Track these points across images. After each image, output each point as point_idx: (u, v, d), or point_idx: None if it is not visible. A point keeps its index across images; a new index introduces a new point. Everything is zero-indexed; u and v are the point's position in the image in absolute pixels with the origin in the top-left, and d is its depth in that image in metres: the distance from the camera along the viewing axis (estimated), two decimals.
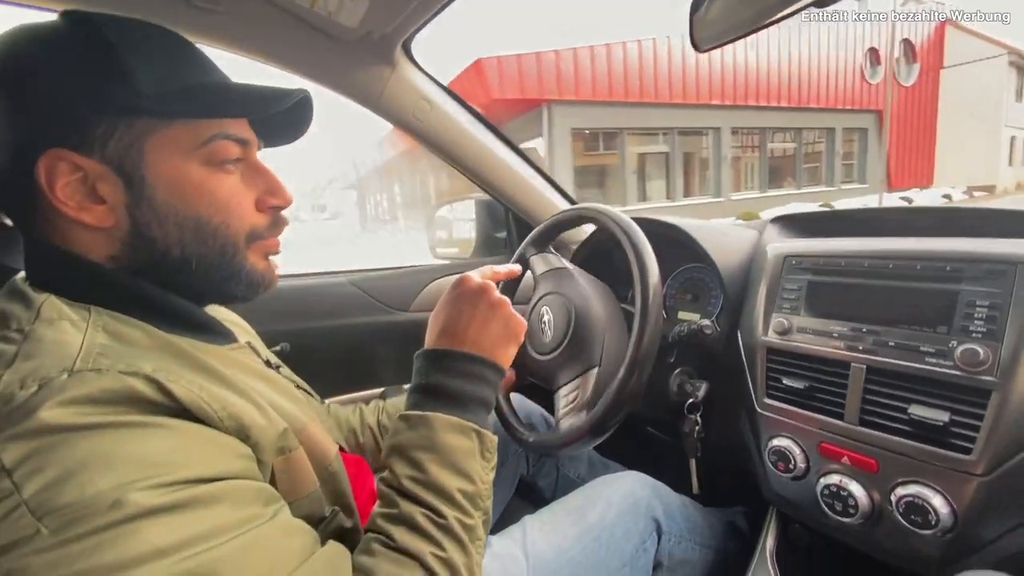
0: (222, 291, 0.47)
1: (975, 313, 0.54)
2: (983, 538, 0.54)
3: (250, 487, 0.36)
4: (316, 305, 1.06)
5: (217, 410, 0.37)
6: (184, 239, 0.42)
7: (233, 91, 0.44)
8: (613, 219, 0.74)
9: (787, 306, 0.70)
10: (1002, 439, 0.51)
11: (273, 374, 0.51)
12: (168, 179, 0.41)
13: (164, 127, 0.41)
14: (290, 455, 0.43)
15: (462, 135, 1.05)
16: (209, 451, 0.35)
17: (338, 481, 0.49)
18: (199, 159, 0.42)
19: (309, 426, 0.48)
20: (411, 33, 0.88)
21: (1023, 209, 0.66)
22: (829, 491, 0.62)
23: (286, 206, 0.50)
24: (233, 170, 0.45)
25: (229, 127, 0.44)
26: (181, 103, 0.41)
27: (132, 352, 0.37)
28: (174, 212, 0.42)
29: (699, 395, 0.81)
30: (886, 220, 0.81)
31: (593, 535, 0.67)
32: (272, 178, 0.48)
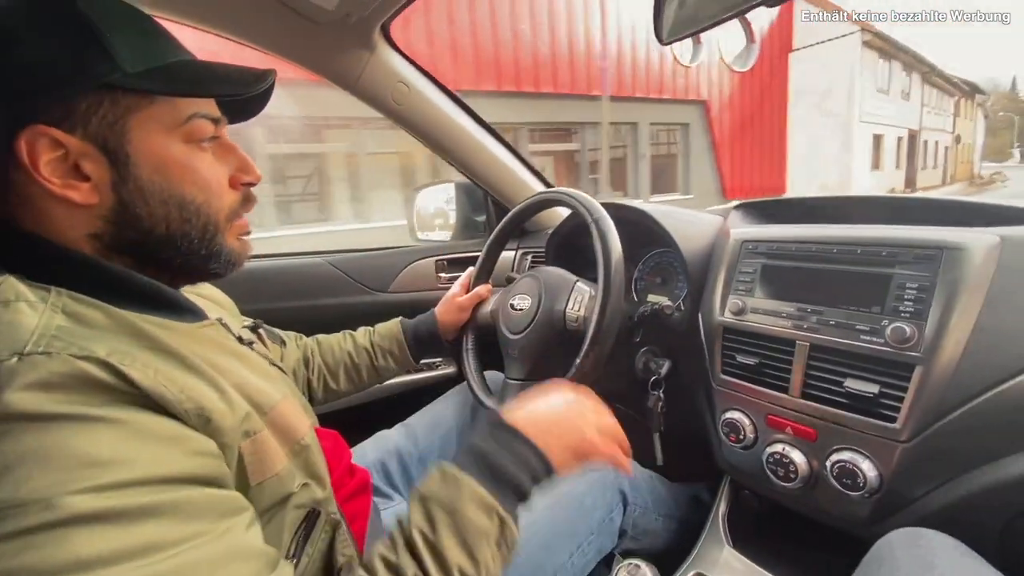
0: (202, 269, 0.48)
1: (905, 294, 0.59)
2: (906, 498, 0.60)
3: (201, 497, 0.34)
4: (294, 285, 1.08)
5: (176, 393, 0.36)
6: (169, 217, 0.43)
7: (212, 70, 0.45)
8: (578, 200, 0.78)
9: (742, 288, 0.75)
10: (923, 409, 0.56)
11: (245, 351, 0.52)
12: (153, 157, 0.42)
13: (148, 104, 0.41)
14: (255, 437, 0.42)
15: (441, 118, 1.06)
16: (161, 449, 0.33)
17: (311, 453, 0.50)
18: (180, 137, 0.43)
19: (281, 403, 0.48)
20: (389, 16, 0.89)
21: (959, 199, 0.71)
22: (774, 459, 0.68)
23: (256, 183, 0.51)
24: (208, 148, 0.46)
25: (203, 106, 0.45)
26: (165, 81, 0.41)
27: (89, 334, 0.36)
28: (159, 190, 0.42)
29: (662, 372, 0.86)
30: (840, 208, 0.86)
31: (563, 504, 0.71)
32: (242, 156, 0.49)
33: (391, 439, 0.86)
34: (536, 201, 0.90)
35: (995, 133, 40.13)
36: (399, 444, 0.85)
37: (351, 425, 0.98)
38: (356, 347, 0.88)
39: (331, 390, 0.86)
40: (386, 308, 1.15)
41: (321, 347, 0.87)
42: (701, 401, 0.82)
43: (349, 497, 0.65)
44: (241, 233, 0.51)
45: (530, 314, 0.83)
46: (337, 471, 0.65)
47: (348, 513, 0.61)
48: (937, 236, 0.59)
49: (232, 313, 0.68)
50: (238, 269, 0.51)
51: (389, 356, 0.88)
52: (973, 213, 0.68)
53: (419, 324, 0.91)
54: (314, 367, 0.85)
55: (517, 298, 0.86)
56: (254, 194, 0.52)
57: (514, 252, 1.27)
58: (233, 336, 0.53)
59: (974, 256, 0.56)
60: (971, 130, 27.61)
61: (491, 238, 0.97)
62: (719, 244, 0.84)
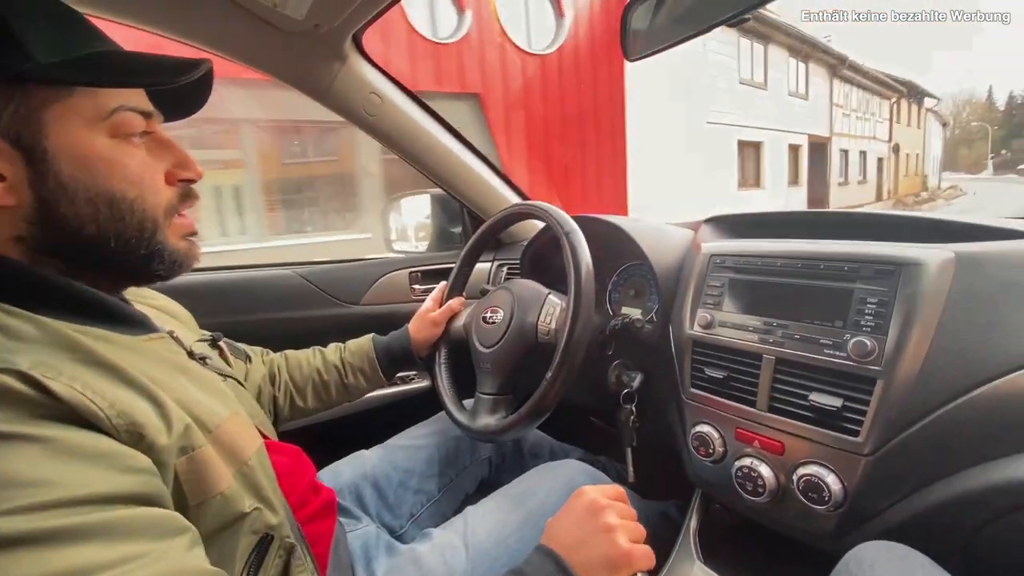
0: (143, 270, 0.46)
1: (866, 309, 0.60)
2: (870, 511, 0.60)
3: (135, 516, 0.32)
4: (262, 298, 1.05)
5: (104, 408, 0.34)
6: (99, 216, 0.41)
7: (137, 60, 0.43)
8: (549, 213, 0.79)
9: (711, 301, 0.75)
10: (885, 422, 0.57)
11: (194, 366, 0.50)
12: (74, 152, 0.40)
13: (65, 96, 0.39)
14: (194, 454, 0.40)
15: (413, 129, 1.06)
16: (89, 467, 0.32)
17: (257, 475, 0.47)
18: (105, 131, 0.41)
19: (228, 421, 0.46)
20: (361, 26, 0.88)
21: (920, 215, 0.73)
22: (742, 473, 0.68)
23: (196, 179, 0.49)
24: (139, 143, 0.44)
25: (130, 98, 0.43)
26: (83, 71, 0.39)
27: (15, 346, 0.34)
28: (84, 187, 0.40)
29: (634, 385, 0.86)
30: (811, 222, 0.87)
31: (532, 522, 0.69)
32: (180, 151, 0.48)
33: (369, 461, 0.84)
34: (507, 215, 0.90)
35: (971, 144, 40.89)
36: (377, 467, 0.83)
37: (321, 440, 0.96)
38: (325, 364, 0.86)
39: (298, 408, 0.84)
40: (358, 321, 1.13)
41: (289, 363, 0.85)
42: (672, 415, 0.82)
43: (312, 517, 0.63)
44: (186, 233, 0.49)
45: (502, 327, 0.82)
46: (299, 489, 0.63)
47: (310, 535, 0.59)
48: (895, 252, 0.60)
49: (190, 326, 0.66)
50: (185, 271, 0.49)
51: (359, 374, 0.86)
52: (935, 229, 0.70)
53: (392, 341, 0.90)
54: (280, 384, 0.83)
55: (489, 311, 0.86)
56: (195, 191, 0.50)
57: (490, 264, 1.27)
58: (184, 350, 0.52)
59: (930, 271, 0.57)
60: (918, 139, 23.91)
61: (463, 252, 0.96)
62: (689, 258, 0.84)
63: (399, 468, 0.84)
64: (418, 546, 0.67)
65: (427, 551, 0.66)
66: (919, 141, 24.22)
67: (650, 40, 0.62)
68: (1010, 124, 39.71)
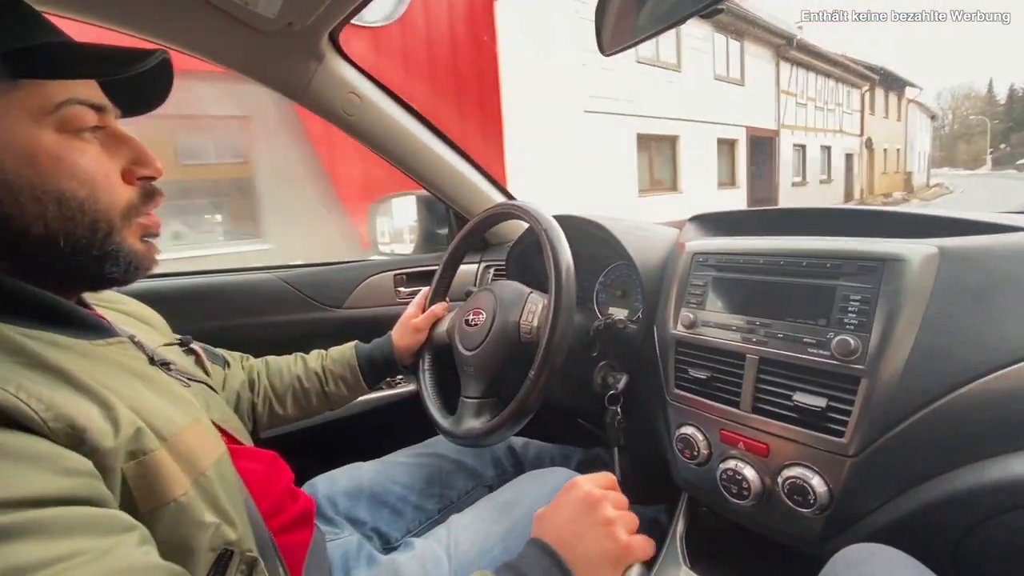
0: (96, 273, 0.44)
1: (849, 307, 0.58)
2: (856, 513, 0.59)
3: (76, 515, 0.31)
4: (244, 302, 1.04)
5: (40, 411, 0.33)
6: (46, 215, 0.39)
7: (80, 51, 0.41)
8: (528, 212, 0.77)
9: (694, 301, 0.74)
10: (870, 422, 0.55)
11: (154, 372, 0.49)
12: (17, 148, 0.38)
13: (8, 90, 0.38)
14: (145, 459, 0.39)
15: (395, 129, 1.04)
16: (23, 468, 0.31)
17: (214, 486, 0.45)
18: (52, 126, 0.39)
19: (186, 430, 0.44)
20: (337, 24, 0.87)
21: (905, 210, 0.72)
22: (727, 475, 0.66)
23: (156, 176, 0.47)
24: (91, 139, 0.42)
25: (80, 91, 0.41)
26: (22, 63, 0.38)
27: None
28: (30, 185, 0.38)
29: (619, 387, 0.84)
30: (795, 219, 0.86)
31: (517, 532, 0.68)
32: (137, 146, 0.46)
33: (366, 473, 0.83)
34: (487, 216, 0.88)
35: (969, 139, 40.61)
36: (375, 480, 0.82)
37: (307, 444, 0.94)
38: (306, 371, 0.84)
39: (277, 415, 0.82)
40: (341, 325, 1.11)
41: (269, 369, 0.84)
42: (658, 416, 0.81)
43: (288, 525, 0.61)
44: (146, 234, 0.47)
45: (484, 329, 0.81)
46: (272, 495, 0.61)
47: (284, 543, 0.57)
48: (877, 248, 0.59)
49: (161, 331, 0.65)
50: (142, 274, 0.47)
51: (341, 382, 0.85)
52: (919, 224, 0.69)
53: (374, 349, 0.88)
54: (260, 390, 0.81)
55: (472, 314, 0.84)
56: (157, 188, 0.48)
57: (476, 265, 1.25)
58: (145, 356, 0.50)
59: (913, 267, 0.56)
60: (898, 132, 21.78)
61: (445, 257, 0.95)
62: (672, 257, 0.83)
63: (398, 483, 0.82)
64: (399, 556, 0.66)
65: (408, 561, 0.64)
66: (900, 135, 22.01)
67: (625, 34, 0.60)
68: (1011, 118, 39.14)
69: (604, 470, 1.03)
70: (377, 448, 0.93)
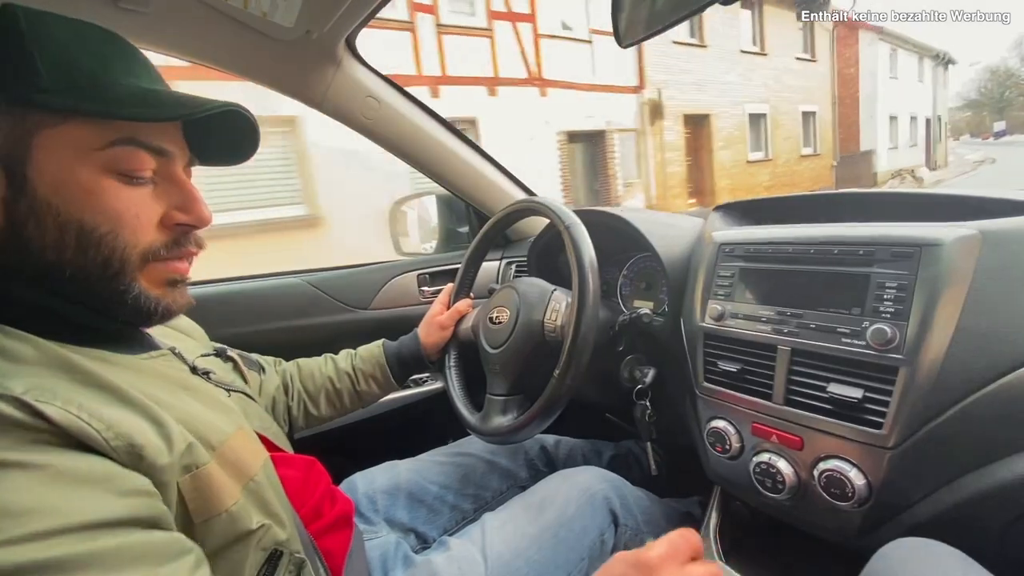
0: (104, 314, 0.43)
1: (884, 295, 0.56)
2: (897, 506, 0.57)
3: (136, 541, 0.32)
4: (274, 307, 1.06)
5: (102, 431, 0.34)
6: (63, 244, 0.39)
7: (154, 97, 0.42)
8: (550, 208, 0.77)
9: (721, 292, 0.73)
10: (909, 413, 0.54)
11: (197, 382, 0.50)
12: (53, 178, 0.39)
13: (60, 122, 0.38)
14: (198, 472, 0.40)
15: (413, 131, 1.05)
16: (86, 492, 0.32)
17: (265, 491, 0.47)
18: (98, 162, 0.40)
19: (232, 437, 0.46)
20: (354, 30, 0.88)
21: (938, 192, 0.69)
22: (760, 469, 0.65)
23: (198, 226, 0.46)
24: (143, 183, 0.43)
25: (141, 132, 0.41)
26: (76, 99, 0.38)
27: (12, 370, 0.34)
28: (55, 213, 0.39)
29: (647, 381, 0.84)
30: (820, 204, 0.84)
31: (551, 532, 0.68)
32: (188, 192, 0.45)
33: (404, 471, 0.84)
34: (508, 213, 0.88)
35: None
36: (412, 479, 0.83)
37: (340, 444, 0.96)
38: (337, 372, 0.86)
39: (312, 416, 0.84)
40: (368, 325, 1.13)
41: (301, 372, 0.86)
42: (688, 410, 0.80)
43: (327, 529, 0.63)
44: (170, 279, 0.45)
45: (509, 327, 0.81)
46: (311, 501, 0.63)
47: (325, 547, 0.59)
48: (914, 232, 0.57)
49: (200, 341, 0.67)
50: (159, 321, 0.46)
51: (371, 380, 0.86)
52: (956, 206, 0.66)
53: (402, 346, 0.89)
54: (294, 393, 0.83)
55: (495, 311, 0.84)
56: (192, 238, 0.47)
57: (498, 262, 1.26)
58: (187, 366, 0.52)
59: (952, 252, 0.54)
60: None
61: (468, 253, 0.95)
62: (698, 248, 0.82)
63: (435, 482, 0.84)
64: (435, 556, 0.66)
65: (444, 563, 0.64)
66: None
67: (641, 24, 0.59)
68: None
69: (635, 463, 1.03)
70: (409, 446, 0.95)
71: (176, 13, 0.75)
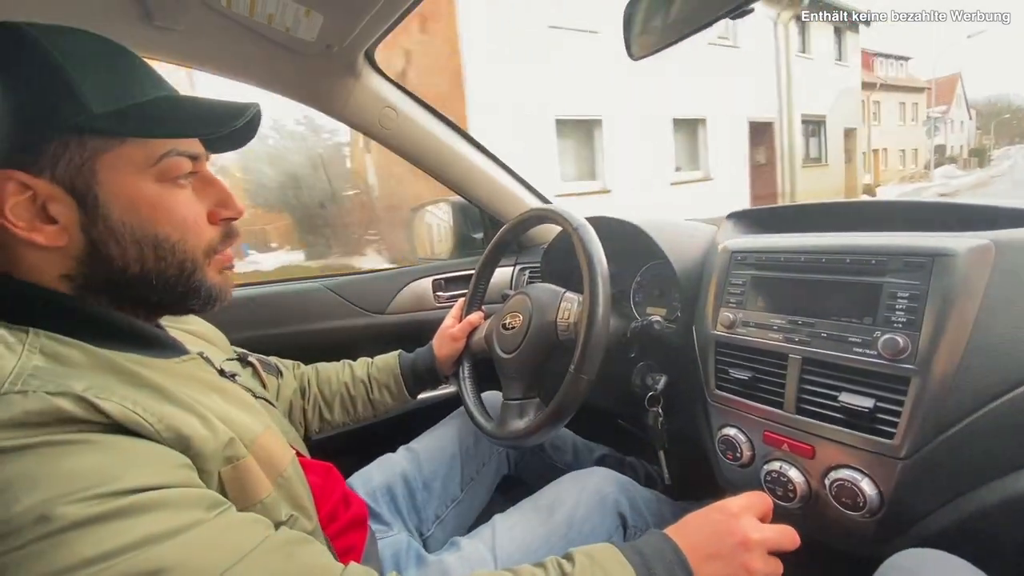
0: (180, 305, 0.48)
1: (896, 304, 0.57)
2: (910, 517, 0.57)
3: (189, 494, 0.36)
4: (293, 311, 1.09)
5: (154, 423, 0.37)
6: (144, 257, 0.43)
7: (189, 108, 0.45)
8: (559, 213, 0.78)
9: (733, 300, 0.73)
10: (921, 423, 0.54)
11: (226, 384, 0.52)
12: (123, 197, 0.42)
13: (117, 145, 0.41)
14: (238, 463, 0.43)
15: (429, 140, 1.07)
16: (142, 462, 0.35)
17: (293, 486, 0.50)
18: (153, 176, 0.43)
19: (262, 435, 0.49)
20: (372, 43, 0.90)
21: (951, 201, 0.69)
22: (771, 477, 0.65)
23: (238, 217, 0.51)
24: (186, 184, 0.46)
25: (181, 143, 0.45)
26: (134, 122, 0.41)
27: (67, 372, 0.37)
28: (131, 230, 0.42)
29: (658, 388, 0.84)
30: (832, 213, 0.83)
31: (561, 533, 0.69)
32: (223, 190, 0.50)
33: (396, 463, 0.85)
34: (519, 221, 0.90)
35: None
36: (405, 469, 0.84)
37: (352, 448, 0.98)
38: (353, 378, 0.88)
39: (326, 420, 0.86)
40: (384, 330, 1.15)
41: (319, 376, 0.88)
42: (699, 417, 0.80)
43: (343, 530, 0.65)
44: (223, 267, 0.51)
45: (522, 331, 0.82)
46: (330, 503, 0.64)
47: (340, 547, 0.61)
48: (927, 243, 0.57)
49: (221, 346, 0.69)
50: (222, 304, 0.51)
51: (385, 390, 0.88)
52: (968, 216, 0.66)
53: (417, 358, 0.91)
54: (310, 397, 0.85)
55: (508, 317, 0.86)
56: (236, 228, 0.52)
57: (511, 268, 1.27)
58: (215, 370, 0.54)
59: (966, 262, 0.54)
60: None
61: (479, 266, 0.96)
62: (710, 255, 0.82)
63: (424, 470, 0.85)
64: (447, 556, 0.68)
65: (456, 562, 0.66)
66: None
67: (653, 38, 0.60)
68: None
69: (629, 469, 1.03)
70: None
71: (204, 29, 0.78)
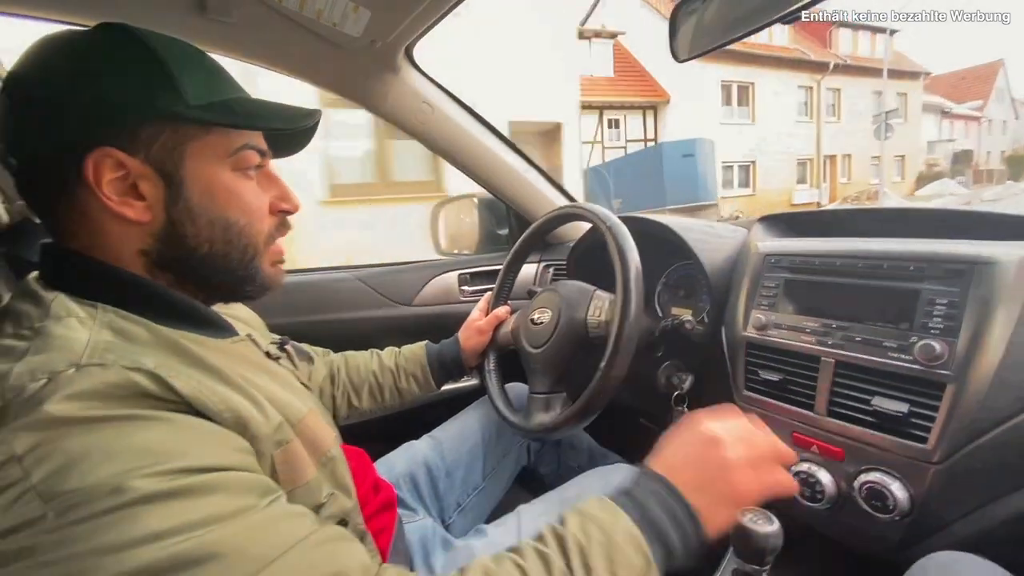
0: (237, 291, 0.51)
1: (934, 311, 0.57)
2: (940, 521, 0.58)
3: (246, 479, 0.38)
4: (324, 299, 1.12)
5: (216, 403, 0.39)
6: (214, 237, 0.47)
7: (266, 107, 0.49)
8: (591, 212, 0.79)
9: (766, 302, 0.74)
10: (956, 429, 0.54)
11: (273, 365, 0.55)
12: (203, 182, 0.46)
13: (204, 134, 0.45)
14: (287, 446, 0.45)
15: (462, 136, 1.09)
16: (208, 443, 0.37)
17: (337, 465, 0.53)
18: (229, 165, 0.47)
19: (308, 415, 0.50)
20: (413, 40, 0.92)
21: (990, 211, 0.69)
22: (800, 479, 0.66)
23: (294, 211, 0.54)
24: (253, 177, 0.50)
25: (253, 138, 0.49)
26: (223, 114, 0.46)
27: (135, 348, 0.39)
28: (206, 212, 0.46)
29: (684, 387, 0.85)
30: (865, 219, 0.84)
31: None
32: (283, 185, 0.53)
33: (420, 451, 0.87)
34: (549, 219, 0.91)
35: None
36: (427, 456, 0.86)
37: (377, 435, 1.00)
38: (381, 367, 0.90)
39: (354, 407, 0.88)
40: (410, 321, 1.17)
41: (348, 364, 0.90)
42: None
43: (374, 514, 0.67)
44: (276, 260, 0.54)
45: (551, 326, 0.83)
46: (362, 489, 0.66)
47: (372, 529, 0.63)
48: (967, 251, 0.57)
49: (261, 331, 0.71)
50: (268, 292, 0.54)
51: (412, 379, 0.90)
52: (1008, 225, 0.66)
53: (443, 349, 0.92)
54: (339, 383, 0.87)
55: (537, 312, 0.87)
56: (289, 221, 0.55)
57: (536, 265, 1.28)
58: (262, 351, 0.56)
59: (1006, 271, 0.54)
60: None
61: (507, 260, 0.97)
62: (742, 257, 0.83)
63: (446, 458, 0.87)
64: (474, 542, 0.69)
65: (483, 548, 0.67)
66: None
67: (700, 40, 0.61)
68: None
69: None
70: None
71: (255, 22, 0.80)
